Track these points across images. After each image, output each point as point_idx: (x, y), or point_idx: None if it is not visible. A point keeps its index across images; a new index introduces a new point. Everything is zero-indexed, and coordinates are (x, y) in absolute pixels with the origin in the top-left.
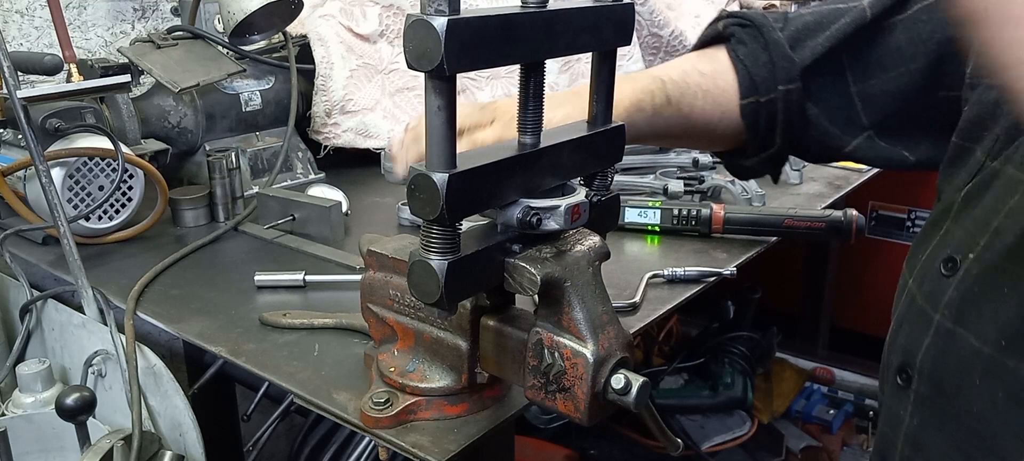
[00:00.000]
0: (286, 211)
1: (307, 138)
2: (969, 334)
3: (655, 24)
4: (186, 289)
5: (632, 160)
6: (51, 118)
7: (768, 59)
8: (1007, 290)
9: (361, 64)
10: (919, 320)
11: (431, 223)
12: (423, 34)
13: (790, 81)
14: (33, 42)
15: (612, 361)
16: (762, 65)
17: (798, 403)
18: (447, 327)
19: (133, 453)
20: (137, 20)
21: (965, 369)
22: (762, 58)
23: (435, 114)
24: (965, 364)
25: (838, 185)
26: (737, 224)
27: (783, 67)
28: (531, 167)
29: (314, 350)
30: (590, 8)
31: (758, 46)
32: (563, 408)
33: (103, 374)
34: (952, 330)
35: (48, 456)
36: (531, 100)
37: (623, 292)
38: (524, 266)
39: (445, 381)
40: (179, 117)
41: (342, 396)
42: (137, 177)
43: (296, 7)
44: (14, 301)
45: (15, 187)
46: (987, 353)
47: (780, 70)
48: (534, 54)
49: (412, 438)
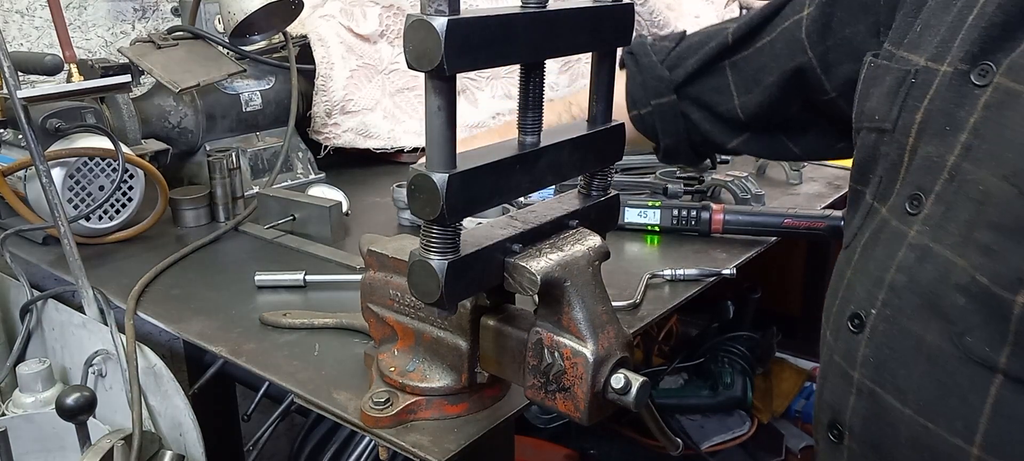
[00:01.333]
0: (286, 211)
1: (307, 138)
2: (889, 397)
3: (655, 24)
4: (186, 289)
5: (632, 160)
6: (51, 118)
7: (641, 81)
8: (914, 352)
9: (361, 64)
10: (841, 378)
11: (431, 223)
12: (423, 34)
13: (660, 96)
14: (33, 42)
15: (612, 361)
16: (637, 85)
17: (798, 403)
18: (447, 327)
19: (133, 453)
20: (137, 20)
21: (893, 431)
22: (637, 79)
23: (435, 114)
24: (892, 426)
25: (838, 185)
26: (737, 224)
27: (653, 86)
28: (531, 167)
29: (314, 350)
30: (590, 8)
31: (636, 70)
32: (563, 408)
33: (103, 374)
34: (874, 390)
35: (48, 456)
36: (531, 100)
37: (623, 292)
38: (524, 266)
39: (445, 381)
40: (179, 117)
41: (342, 396)
42: (137, 177)
43: (296, 7)
44: (14, 301)
45: (15, 187)
46: (909, 415)
47: (651, 89)
48: (534, 54)
49: (412, 438)
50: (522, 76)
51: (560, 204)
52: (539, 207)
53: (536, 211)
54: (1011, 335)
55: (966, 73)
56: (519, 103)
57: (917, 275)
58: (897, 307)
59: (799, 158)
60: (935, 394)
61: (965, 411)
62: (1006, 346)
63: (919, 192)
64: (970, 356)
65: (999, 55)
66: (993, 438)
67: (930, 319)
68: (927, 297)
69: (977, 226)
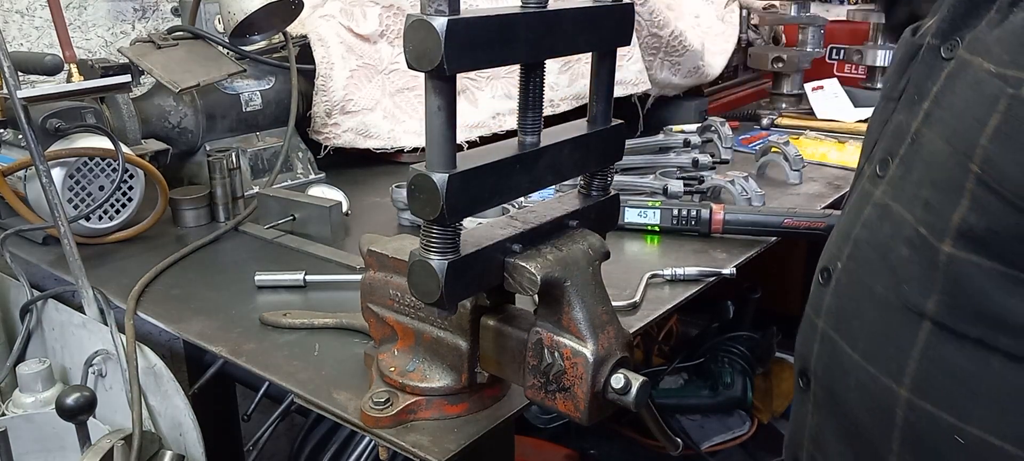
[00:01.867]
0: (286, 211)
1: (307, 138)
2: (844, 343)
3: (655, 24)
4: (186, 289)
5: (632, 160)
6: (51, 118)
7: None
8: (865, 302)
9: (361, 64)
10: (809, 328)
11: (431, 223)
12: (423, 34)
13: None
14: (33, 42)
15: (612, 361)
16: None
17: None
18: (447, 327)
19: (133, 453)
20: (137, 20)
21: (844, 375)
22: None
23: (435, 114)
24: (844, 371)
25: (838, 185)
26: (737, 224)
27: None
28: (531, 166)
29: (314, 350)
30: (590, 8)
31: None
32: (563, 408)
33: (103, 374)
34: (833, 338)
35: (48, 456)
36: (531, 100)
37: (623, 292)
38: (524, 266)
39: (445, 381)
40: (179, 117)
41: (342, 396)
42: (137, 177)
43: (296, 7)
44: (14, 301)
45: (15, 187)
46: (857, 360)
47: None
48: (534, 54)
49: (412, 438)
50: (522, 76)
51: (560, 204)
52: (539, 207)
53: (536, 211)
54: (938, 283)
55: (938, 47)
56: (519, 103)
57: (877, 231)
58: (858, 260)
59: None
60: (877, 340)
61: (898, 355)
62: (934, 294)
63: (888, 156)
64: (906, 304)
65: (965, 31)
66: (919, 380)
67: (881, 271)
68: (881, 251)
69: (924, 184)
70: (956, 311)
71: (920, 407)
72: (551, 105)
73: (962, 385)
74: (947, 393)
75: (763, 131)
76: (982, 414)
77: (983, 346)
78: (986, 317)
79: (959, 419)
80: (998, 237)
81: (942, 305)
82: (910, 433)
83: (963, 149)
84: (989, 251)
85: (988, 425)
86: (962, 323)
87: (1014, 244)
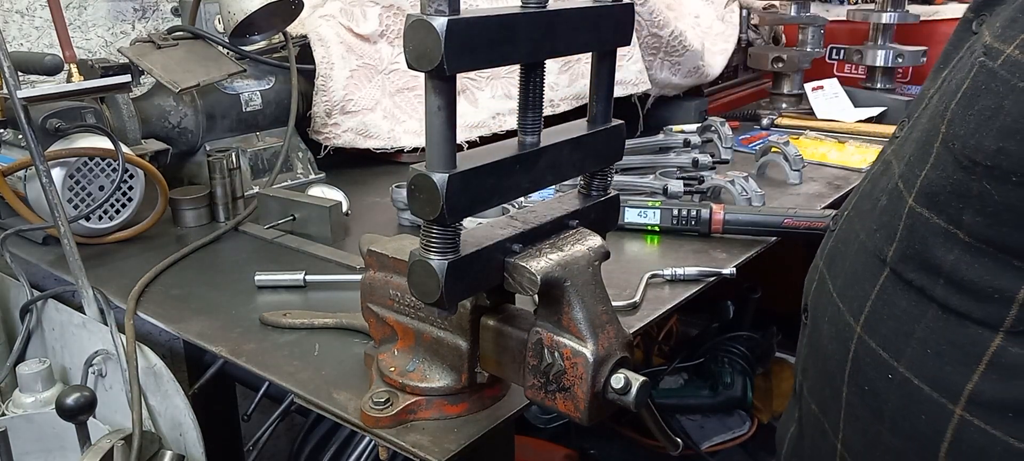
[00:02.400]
0: (286, 211)
1: (307, 138)
2: (829, 280)
3: (655, 24)
4: (186, 289)
5: (632, 160)
6: (51, 118)
7: None
8: (850, 244)
9: (361, 64)
10: (814, 268)
11: (431, 223)
12: (423, 34)
13: None
14: (33, 42)
15: (612, 360)
16: None
17: None
18: (447, 327)
19: (133, 453)
20: (137, 20)
21: (823, 310)
22: None
23: (435, 114)
24: (824, 306)
25: (838, 185)
26: (737, 224)
27: None
28: (531, 166)
29: (314, 350)
30: (590, 8)
31: None
32: (563, 408)
33: (103, 374)
34: (825, 276)
35: (48, 456)
36: (531, 100)
37: (623, 292)
38: (524, 266)
39: (445, 381)
40: (179, 117)
41: (342, 396)
42: (137, 177)
43: (296, 7)
44: (14, 301)
45: (15, 187)
46: (834, 298)
47: None
48: (534, 54)
49: (412, 438)
50: (522, 76)
51: (560, 204)
52: (539, 207)
53: (536, 211)
54: (899, 233)
55: (971, 21)
56: (519, 103)
57: (875, 184)
58: (857, 209)
59: None
60: (849, 280)
61: (860, 296)
62: (894, 243)
63: (906, 118)
64: (875, 251)
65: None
66: (871, 319)
67: (867, 218)
68: (872, 201)
69: (912, 142)
70: (907, 261)
71: (867, 344)
72: (551, 105)
73: (901, 328)
74: (889, 334)
75: (763, 131)
76: (912, 356)
77: (923, 295)
78: (928, 268)
79: (893, 358)
80: (946, 194)
81: (897, 254)
82: (857, 366)
83: (941, 111)
84: (937, 207)
85: (914, 367)
86: (909, 271)
87: (954, 201)
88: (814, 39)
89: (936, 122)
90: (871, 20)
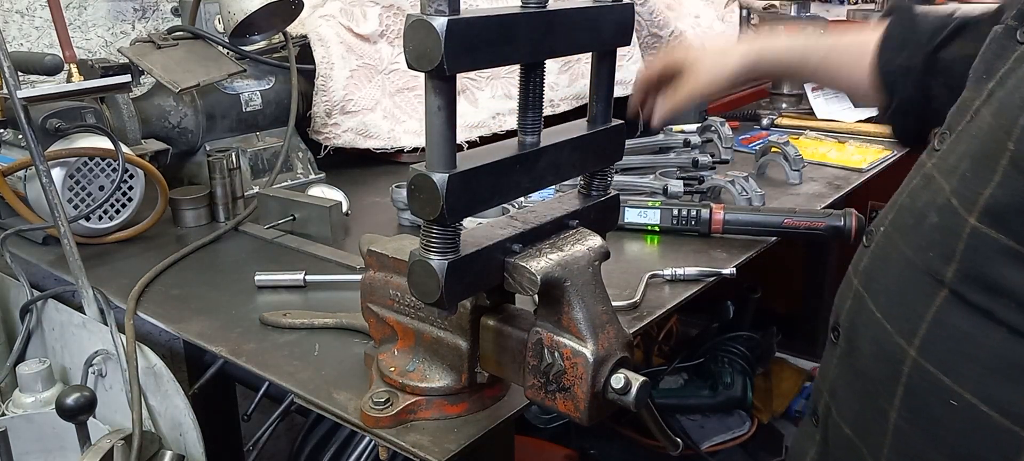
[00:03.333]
0: (286, 211)
1: (307, 138)
2: (869, 300)
3: (655, 24)
4: (186, 289)
5: (632, 160)
6: (51, 118)
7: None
8: (893, 263)
9: (361, 64)
10: (846, 285)
11: (431, 223)
12: (423, 34)
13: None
14: (33, 42)
15: (612, 361)
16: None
17: (798, 403)
18: (447, 327)
19: (133, 453)
20: (137, 20)
21: (865, 330)
22: (896, 31)
23: (435, 114)
24: (865, 326)
25: (838, 185)
26: (737, 224)
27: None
28: (531, 166)
29: (314, 350)
30: (590, 8)
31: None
32: (563, 408)
33: (103, 374)
34: (862, 294)
35: (48, 456)
36: (531, 100)
37: (623, 292)
38: (524, 266)
39: (445, 381)
40: (179, 117)
41: (342, 396)
42: (137, 177)
43: (296, 7)
44: (14, 301)
45: (15, 187)
46: (878, 317)
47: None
48: (534, 54)
49: (412, 438)
50: (522, 76)
51: (560, 204)
52: (539, 207)
53: (536, 211)
54: (959, 252)
55: (1015, 30)
56: (519, 103)
57: (917, 198)
58: (896, 224)
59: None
60: (896, 300)
61: (913, 317)
62: (953, 263)
63: (947, 131)
64: (928, 269)
65: None
66: (927, 342)
67: (912, 235)
68: (917, 217)
69: (965, 157)
70: (969, 281)
71: (924, 368)
72: (551, 105)
73: (964, 352)
74: (949, 358)
75: (763, 131)
76: (977, 381)
77: (989, 318)
78: (995, 290)
79: (956, 383)
80: (1013, 212)
81: (958, 274)
82: (912, 391)
83: (1004, 126)
84: (1007, 228)
85: (980, 392)
86: (973, 293)
87: None
88: None
89: (999, 137)
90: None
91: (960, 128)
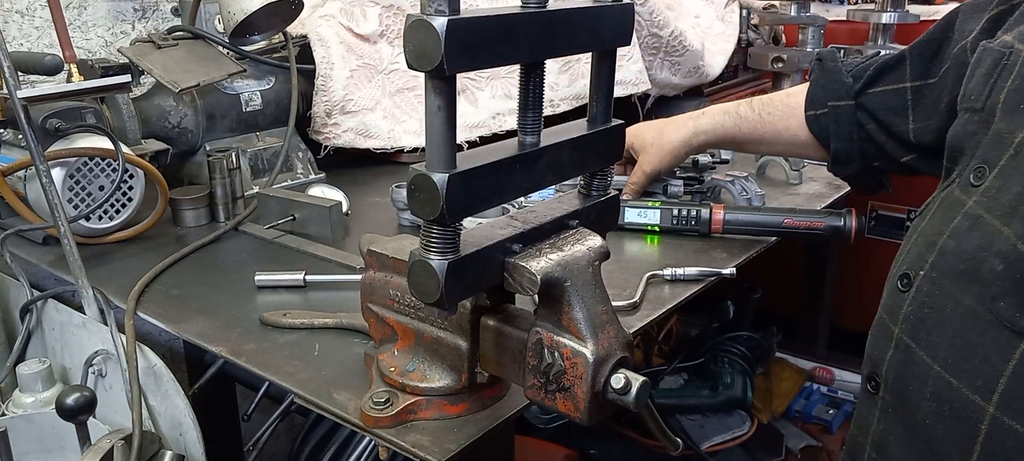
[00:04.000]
0: (286, 211)
1: (307, 138)
2: (922, 352)
3: (655, 24)
4: (186, 289)
5: None
6: (51, 118)
7: (824, 83)
8: (949, 312)
9: (361, 64)
10: (883, 333)
11: (431, 223)
12: (423, 34)
13: (839, 99)
14: (33, 42)
15: (612, 360)
16: (819, 87)
17: (798, 403)
18: (447, 327)
19: (133, 453)
20: (137, 20)
21: (920, 385)
22: (820, 82)
23: (435, 114)
24: (920, 380)
25: (838, 185)
26: (737, 224)
27: (834, 89)
28: (531, 166)
29: (314, 350)
30: (590, 8)
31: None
32: (563, 408)
33: (103, 374)
34: (909, 345)
35: (48, 456)
36: (531, 100)
37: (623, 292)
38: (524, 266)
39: (445, 381)
40: (179, 117)
41: (342, 396)
42: (137, 177)
43: (296, 7)
44: (14, 301)
45: (15, 187)
46: (937, 371)
47: (831, 91)
48: (534, 54)
49: (412, 438)
50: (522, 76)
51: (560, 204)
52: (539, 207)
53: (536, 211)
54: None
55: None
56: (519, 103)
57: (964, 241)
58: (942, 269)
59: None
60: (962, 353)
61: (987, 371)
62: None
63: (984, 165)
64: (1000, 320)
65: None
66: (1008, 398)
67: (969, 283)
68: (969, 262)
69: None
70: None
71: (1007, 425)
72: (551, 105)
73: None
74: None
75: None
76: None
77: None
78: None
79: None
80: None
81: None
82: (990, 449)
83: None
84: None
85: None
86: None
87: None
88: (814, 39)
89: None
90: (871, 20)
91: (1003, 163)
